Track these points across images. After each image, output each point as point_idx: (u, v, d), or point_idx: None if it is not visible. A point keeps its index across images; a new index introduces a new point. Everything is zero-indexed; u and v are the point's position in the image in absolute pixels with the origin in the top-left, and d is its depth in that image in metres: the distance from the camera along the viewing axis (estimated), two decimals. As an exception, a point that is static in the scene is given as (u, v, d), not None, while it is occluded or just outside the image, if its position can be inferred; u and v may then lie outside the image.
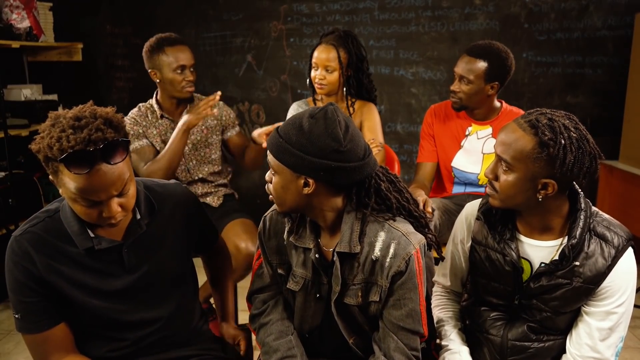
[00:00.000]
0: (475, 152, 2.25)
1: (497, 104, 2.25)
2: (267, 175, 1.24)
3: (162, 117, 2.26)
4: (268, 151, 1.20)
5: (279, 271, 1.35)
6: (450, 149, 2.29)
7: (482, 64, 2.05)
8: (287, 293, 1.37)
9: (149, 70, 2.21)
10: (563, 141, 1.16)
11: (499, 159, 1.26)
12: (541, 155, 1.18)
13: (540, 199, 1.22)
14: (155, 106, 2.26)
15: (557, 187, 1.20)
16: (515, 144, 1.21)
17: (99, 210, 1.14)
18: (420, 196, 2.01)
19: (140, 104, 2.32)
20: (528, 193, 1.23)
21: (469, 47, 2.13)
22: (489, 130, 2.23)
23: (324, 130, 1.13)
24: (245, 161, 2.36)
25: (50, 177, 1.15)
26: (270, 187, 1.24)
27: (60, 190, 1.15)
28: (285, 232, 1.31)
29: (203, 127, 2.29)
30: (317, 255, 1.26)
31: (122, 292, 1.27)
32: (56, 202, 1.28)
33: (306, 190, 1.18)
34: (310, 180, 1.16)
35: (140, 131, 2.24)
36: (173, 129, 2.21)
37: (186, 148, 2.25)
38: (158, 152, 2.23)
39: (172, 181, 1.45)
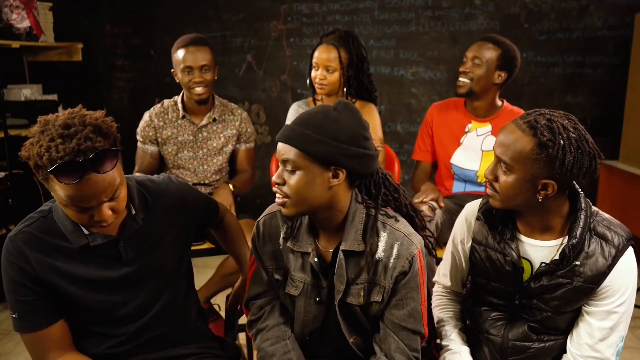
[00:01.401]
0: (474, 149, 2.26)
1: (498, 102, 2.26)
2: (278, 177, 1.18)
3: (183, 117, 2.25)
4: (288, 150, 1.15)
5: (276, 276, 1.34)
6: (450, 146, 2.30)
7: (496, 50, 2.14)
8: (285, 298, 1.35)
9: (172, 70, 2.22)
10: (562, 142, 1.16)
11: (498, 160, 1.25)
12: (540, 156, 1.18)
13: (540, 200, 1.22)
14: (180, 105, 2.26)
15: (557, 187, 1.20)
16: (514, 145, 1.21)
17: (90, 214, 1.15)
18: (433, 192, 2.16)
19: (165, 100, 2.30)
20: (528, 194, 1.23)
21: (482, 37, 2.22)
22: (488, 127, 2.24)
23: (352, 118, 1.17)
24: (235, 180, 2.32)
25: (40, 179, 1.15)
26: (284, 188, 1.17)
27: (52, 193, 1.16)
28: (281, 237, 1.30)
29: (221, 135, 2.29)
30: (315, 259, 1.26)
31: (118, 282, 1.27)
32: (49, 202, 1.29)
33: (335, 181, 1.16)
34: (340, 171, 1.16)
35: (151, 134, 2.24)
36: (192, 131, 2.22)
37: (200, 152, 2.25)
38: (161, 157, 2.27)
39: (162, 175, 1.46)
